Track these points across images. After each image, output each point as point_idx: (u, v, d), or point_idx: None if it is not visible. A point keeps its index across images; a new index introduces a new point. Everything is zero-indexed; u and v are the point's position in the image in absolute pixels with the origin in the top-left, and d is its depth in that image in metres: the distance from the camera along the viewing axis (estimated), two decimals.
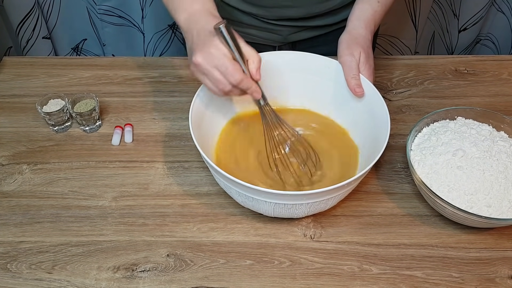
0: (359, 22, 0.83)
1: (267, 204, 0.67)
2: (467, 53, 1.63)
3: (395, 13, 1.51)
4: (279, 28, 0.98)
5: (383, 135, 0.71)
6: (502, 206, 0.70)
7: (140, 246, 0.73)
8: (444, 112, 0.81)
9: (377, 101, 0.77)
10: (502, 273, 0.70)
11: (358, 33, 0.82)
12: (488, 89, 0.98)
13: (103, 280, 0.69)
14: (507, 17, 1.53)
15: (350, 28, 0.83)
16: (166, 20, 1.50)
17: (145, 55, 1.56)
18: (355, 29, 0.82)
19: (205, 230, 0.75)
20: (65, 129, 0.89)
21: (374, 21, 0.84)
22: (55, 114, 0.86)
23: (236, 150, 0.82)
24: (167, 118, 0.92)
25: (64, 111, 0.87)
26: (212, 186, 0.80)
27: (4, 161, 0.85)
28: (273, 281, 0.69)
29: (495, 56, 1.09)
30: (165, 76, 1.00)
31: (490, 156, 0.73)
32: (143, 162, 0.84)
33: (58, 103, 0.88)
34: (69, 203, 0.78)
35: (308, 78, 0.85)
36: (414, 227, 0.75)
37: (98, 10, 1.42)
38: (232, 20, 1.00)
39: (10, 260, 0.71)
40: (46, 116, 0.86)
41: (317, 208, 0.70)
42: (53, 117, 0.86)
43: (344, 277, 0.69)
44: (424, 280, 0.69)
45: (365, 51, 0.80)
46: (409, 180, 0.82)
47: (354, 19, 0.84)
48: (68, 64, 1.03)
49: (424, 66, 1.03)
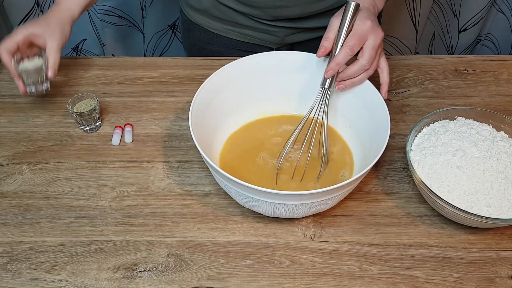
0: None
1: (267, 204, 0.67)
2: (467, 54, 1.63)
3: (395, 14, 1.51)
4: (275, 29, 0.98)
5: (383, 135, 0.71)
6: (502, 206, 0.70)
7: (140, 246, 0.73)
8: (444, 112, 0.81)
9: (377, 101, 0.77)
10: (502, 273, 0.70)
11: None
12: (488, 89, 0.98)
13: (103, 280, 0.69)
14: (507, 17, 1.53)
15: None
16: (166, 20, 1.50)
17: (145, 55, 1.56)
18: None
19: (205, 230, 0.75)
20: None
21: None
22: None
23: (238, 150, 0.82)
24: (167, 118, 0.92)
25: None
26: (212, 186, 0.80)
27: (4, 161, 0.85)
28: (273, 281, 0.69)
29: (495, 56, 1.09)
30: (165, 76, 1.00)
31: (490, 156, 0.73)
32: (143, 162, 0.84)
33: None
34: (69, 203, 0.78)
35: (306, 78, 0.85)
36: (414, 227, 0.75)
37: (98, 10, 1.43)
38: (228, 21, 1.00)
39: (10, 260, 0.71)
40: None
41: (317, 208, 0.70)
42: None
43: (344, 277, 0.69)
44: (424, 280, 0.69)
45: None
46: (409, 180, 0.82)
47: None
48: (68, 64, 1.03)
49: (424, 66, 1.03)
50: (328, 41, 0.76)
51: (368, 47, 0.75)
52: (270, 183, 0.77)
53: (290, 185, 0.77)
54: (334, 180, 0.78)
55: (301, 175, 0.78)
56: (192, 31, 1.08)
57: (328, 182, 0.77)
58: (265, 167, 0.80)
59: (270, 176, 0.78)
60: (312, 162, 0.79)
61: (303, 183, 0.77)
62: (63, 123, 0.91)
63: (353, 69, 0.76)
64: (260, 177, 0.78)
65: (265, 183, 0.77)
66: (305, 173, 0.78)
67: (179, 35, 1.54)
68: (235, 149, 0.82)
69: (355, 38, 0.74)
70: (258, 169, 0.79)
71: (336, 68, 0.75)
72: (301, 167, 0.79)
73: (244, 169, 0.79)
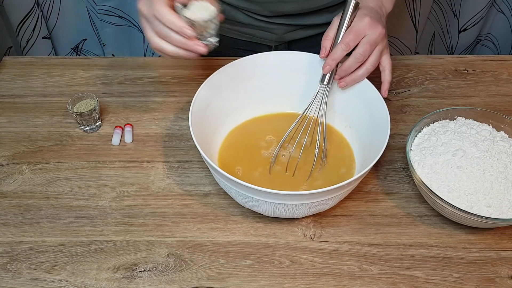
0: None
1: (267, 204, 0.67)
2: (467, 54, 1.63)
3: (395, 14, 1.51)
4: (274, 27, 0.98)
5: (383, 135, 0.72)
6: (502, 206, 0.70)
7: (140, 246, 0.73)
8: (444, 112, 0.81)
9: (377, 101, 0.77)
10: (502, 273, 0.70)
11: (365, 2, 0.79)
12: (488, 89, 0.98)
13: (103, 280, 0.69)
14: (507, 17, 1.53)
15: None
16: None
17: (145, 55, 1.56)
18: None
19: (205, 230, 0.75)
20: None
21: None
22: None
23: (238, 150, 0.82)
24: (167, 118, 0.92)
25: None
26: (212, 186, 0.80)
27: (4, 161, 0.85)
28: (273, 281, 0.69)
29: (495, 56, 1.09)
30: (165, 76, 1.00)
31: (490, 156, 0.73)
32: (143, 162, 0.84)
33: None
34: (69, 203, 0.78)
35: (306, 78, 0.85)
36: (414, 227, 0.75)
37: (98, 10, 1.43)
38: (226, 19, 1.00)
39: (10, 260, 0.71)
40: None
41: (317, 208, 0.70)
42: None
43: (344, 277, 0.69)
44: (424, 280, 0.69)
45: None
46: (409, 180, 0.82)
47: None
48: (68, 64, 1.03)
49: (424, 66, 1.03)
50: (328, 40, 0.77)
51: (363, 41, 0.75)
52: (269, 183, 0.77)
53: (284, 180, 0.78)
54: (334, 180, 0.78)
55: (294, 171, 0.78)
56: None
57: (328, 182, 0.77)
58: (264, 166, 0.80)
59: (272, 175, 0.78)
60: (309, 160, 0.79)
61: (296, 179, 0.78)
62: (63, 123, 0.91)
63: (347, 63, 0.77)
64: (262, 177, 0.78)
65: (265, 182, 0.77)
66: (302, 170, 0.78)
67: None
68: (235, 149, 0.82)
69: (351, 34, 0.74)
70: (258, 168, 0.79)
71: (333, 63, 0.76)
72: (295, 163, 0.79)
73: (246, 169, 0.79)
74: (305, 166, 0.79)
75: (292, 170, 0.78)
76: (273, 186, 0.77)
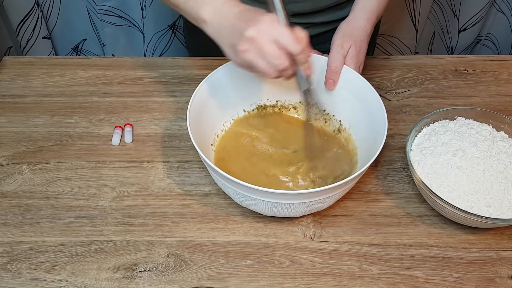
0: (362, 13, 0.84)
1: (264, 203, 0.67)
2: (467, 53, 1.63)
3: (395, 13, 1.51)
4: None
5: (381, 135, 0.72)
6: (502, 206, 0.70)
7: (140, 246, 0.73)
8: (444, 112, 0.81)
9: (374, 100, 0.77)
10: (502, 273, 0.70)
11: (358, 24, 0.83)
12: (488, 89, 0.98)
13: (103, 280, 0.69)
14: (507, 17, 1.53)
15: (351, 18, 0.85)
16: (166, 20, 1.50)
17: (145, 55, 1.56)
18: (356, 19, 0.84)
19: (205, 230, 0.75)
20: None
21: (377, 12, 0.85)
22: None
23: (237, 149, 0.82)
24: (167, 118, 0.92)
25: None
26: (212, 186, 0.80)
27: (4, 161, 0.85)
28: (273, 281, 0.69)
29: (495, 56, 1.09)
30: (165, 76, 1.00)
31: (490, 156, 0.73)
32: (143, 162, 0.84)
33: None
34: (69, 203, 0.78)
35: None
36: (414, 227, 0.75)
37: (98, 10, 1.42)
38: None
39: (10, 260, 0.71)
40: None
41: (315, 208, 0.70)
42: None
43: (344, 277, 0.69)
44: (424, 280, 0.69)
45: (357, 45, 0.81)
46: (409, 180, 0.82)
47: (357, 9, 0.85)
48: (68, 64, 1.03)
49: (424, 66, 1.03)
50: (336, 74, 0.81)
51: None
52: (268, 182, 0.77)
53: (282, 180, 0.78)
54: (331, 180, 0.78)
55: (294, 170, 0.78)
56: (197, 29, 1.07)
57: (326, 182, 0.77)
58: (264, 166, 0.80)
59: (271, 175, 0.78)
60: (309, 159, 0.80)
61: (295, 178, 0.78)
62: (63, 123, 0.91)
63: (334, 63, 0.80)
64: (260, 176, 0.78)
65: (263, 181, 0.77)
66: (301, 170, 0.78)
67: (179, 35, 1.54)
68: (234, 148, 0.82)
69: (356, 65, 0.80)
70: (256, 167, 0.79)
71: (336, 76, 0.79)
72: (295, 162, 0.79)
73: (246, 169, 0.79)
74: (304, 165, 0.79)
75: (292, 170, 0.78)
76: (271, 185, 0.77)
